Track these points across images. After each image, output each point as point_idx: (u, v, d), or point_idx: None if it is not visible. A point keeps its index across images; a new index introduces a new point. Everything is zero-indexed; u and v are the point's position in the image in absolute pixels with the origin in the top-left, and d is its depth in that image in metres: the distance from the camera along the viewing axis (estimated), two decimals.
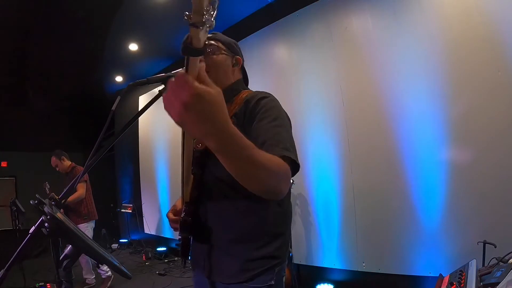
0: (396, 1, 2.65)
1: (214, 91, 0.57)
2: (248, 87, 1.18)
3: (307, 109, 3.07)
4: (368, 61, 2.79)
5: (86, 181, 3.48)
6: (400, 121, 2.57)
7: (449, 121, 2.32)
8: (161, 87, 0.95)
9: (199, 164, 0.99)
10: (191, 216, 1.01)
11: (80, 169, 3.50)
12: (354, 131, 2.85)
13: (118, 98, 0.89)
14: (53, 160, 3.53)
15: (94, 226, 3.56)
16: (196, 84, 0.55)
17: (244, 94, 1.06)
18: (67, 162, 3.58)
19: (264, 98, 0.98)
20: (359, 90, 2.84)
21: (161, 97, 0.92)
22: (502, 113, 2.07)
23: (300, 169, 0.88)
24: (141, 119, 5.61)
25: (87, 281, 3.62)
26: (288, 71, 3.39)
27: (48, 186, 3.48)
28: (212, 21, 0.52)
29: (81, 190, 3.39)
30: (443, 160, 2.34)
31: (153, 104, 0.93)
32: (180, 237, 1.11)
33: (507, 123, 2.05)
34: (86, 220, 3.42)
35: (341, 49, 2.99)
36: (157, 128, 5.57)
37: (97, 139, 0.88)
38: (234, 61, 1.13)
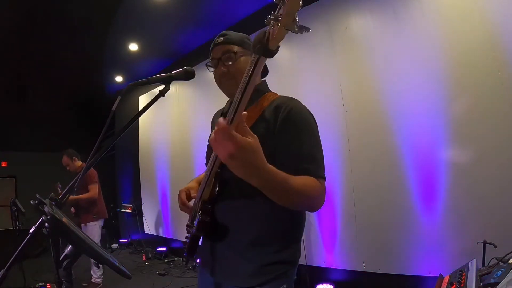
0: (396, 0, 2.65)
1: (253, 140, 0.68)
2: None
3: None
4: (368, 61, 2.79)
5: (97, 182, 3.54)
6: (400, 121, 2.57)
7: (449, 121, 2.31)
8: (161, 87, 0.95)
9: (223, 165, 0.98)
10: (210, 215, 1.00)
11: (92, 171, 3.55)
12: (354, 131, 2.85)
13: (118, 98, 0.89)
14: (65, 159, 3.54)
15: (102, 224, 3.64)
16: (239, 137, 0.65)
17: (270, 97, 1.04)
18: (78, 162, 3.60)
19: (295, 108, 0.97)
20: (359, 89, 2.84)
21: (161, 97, 0.93)
22: (503, 113, 2.07)
23: None
24: (141, 119, 5.60)
25: (92, 280, 3.63)
26: (288, 71, 3.39)
27: (61, 186, 3.48)
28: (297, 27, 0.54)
29: (94, 191, 3.47)
30: (443, 160, 2.33)
31: (153, 104, 0.93)
32: (188, 235, 1.11)
33: (508, 123, 2.05)
34: (95, 218, 3.51)
35: (341, 49, 2.99)
36: (157, 128, 5.57)
37: (97, 139, 0.88)
38: None
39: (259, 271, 0.94)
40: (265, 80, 1.13)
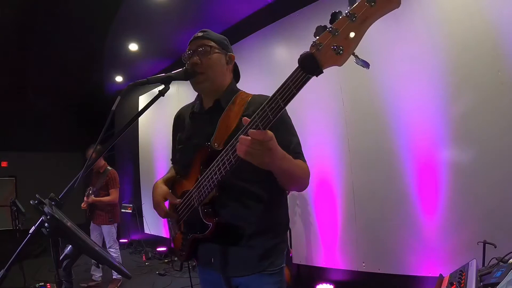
0: None
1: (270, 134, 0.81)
2: (250, 87, 1.19)
3: (307, 109, 3.06)
4: (368, 61, 2.78)
5: (119, 186, 3.65)
6: (400, 121, 2.57)
7: (449, 121, 2.31)
8: (161, 87, 0.95)
9: None
10: (217, 216, 1.01)
11: (116, 175, 3.68)
12: (354, 131, 2.85)
13: (118, 98, 0.89)
14: (90, 153, 3.57)
15: (116, 228, 3.72)
16: (262, 133, 0.79)
17: (245, 96, 1.11)
18: (102, 161, 3.69)
19: None
20: (359, 90, 2.83)
21: (161, 97, 0.93)
22: (502, 113, 2.07)
23: None
24: (141, 119, 5.60)
25: (93, 278, 3.63)
26: (288, 71, 3.38)
27: (90, 190, 3.54)
28: None
29: (115, 195, 3.56)
30: (443, 160, 2.33)
31: (153, 104, 0.93)
32: (188, 239, 1.10)
33: (507, 123, 2.04)
34: (111, 222, 3.59)
35: None
36: (157, 128, 5.56)
37: (97, 139, 0.88)
38: (228, 59, 1.13)
39: (263, 256, 1.02)
40: (233, 79, 1.18)
